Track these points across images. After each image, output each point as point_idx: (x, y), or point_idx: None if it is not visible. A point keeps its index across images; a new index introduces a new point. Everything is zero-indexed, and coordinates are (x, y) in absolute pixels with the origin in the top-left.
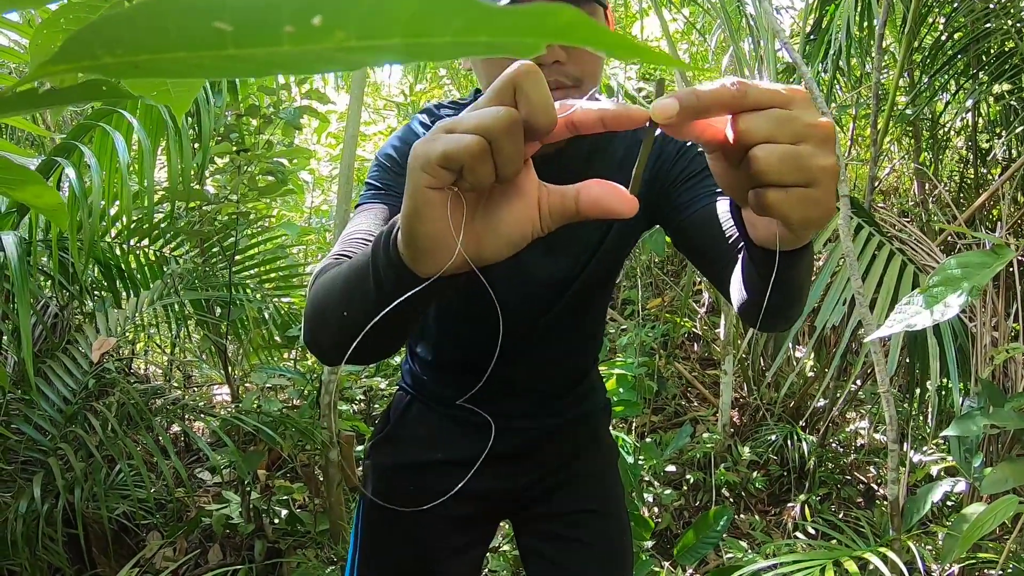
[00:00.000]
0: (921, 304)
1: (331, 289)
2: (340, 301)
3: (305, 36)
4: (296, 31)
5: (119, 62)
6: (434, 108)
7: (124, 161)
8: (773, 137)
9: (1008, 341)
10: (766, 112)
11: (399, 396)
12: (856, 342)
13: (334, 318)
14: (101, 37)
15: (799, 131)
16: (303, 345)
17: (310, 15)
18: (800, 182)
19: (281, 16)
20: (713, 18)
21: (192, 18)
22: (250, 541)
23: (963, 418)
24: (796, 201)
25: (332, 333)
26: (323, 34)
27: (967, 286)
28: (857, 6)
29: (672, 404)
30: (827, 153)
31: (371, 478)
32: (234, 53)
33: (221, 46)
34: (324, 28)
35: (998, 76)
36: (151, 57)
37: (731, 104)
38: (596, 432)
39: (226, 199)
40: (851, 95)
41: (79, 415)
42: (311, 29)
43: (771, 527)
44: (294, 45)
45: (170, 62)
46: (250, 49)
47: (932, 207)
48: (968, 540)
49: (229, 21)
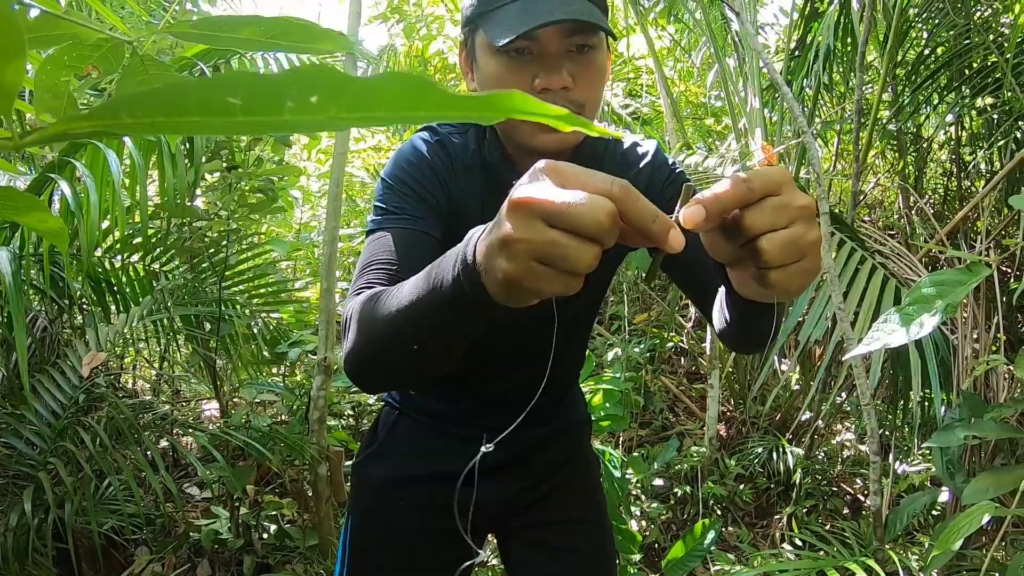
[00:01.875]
0: (898, 322)
1: (378, 326)
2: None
3: (303, 109)
4: (296, 106)
5: (138, 122)
6: (436, 126)
7: (117, 177)
8: (775, 226)
9: (989, 353)
10: (766, 204)
11: (386, 411)
12: (840, 354)
13: (399, 349)
14: (127, 105)
15: (792, 215)
16: (292, 361)
17: (309, 95)
18: (796, 259)
19: (284, 95)
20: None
21: (211, 94)
22: (239, 556)
23: (945, 429)
24: (793, 275)
25: (390, 367)
26: (319, 109)
27: (942, 304)
28: (840, 23)
29: (659, 418)
30: (813, 228)
31: (359, 493)
32: (241, 120)
33: (232, 114)
34: (320, 105)
35: (980, 90)
36: (167, 119)
37: (743, 200)
38: (580, 443)
39: (216, 216)
40: (835, 110)
41: (69, 429)
42: (309, 105)
43: (759, 539)
44: (293, 116)
45: (185, 123)
46: (256, 117)
47: (916, 220)
48: (944, 543)
49: (240, 98)
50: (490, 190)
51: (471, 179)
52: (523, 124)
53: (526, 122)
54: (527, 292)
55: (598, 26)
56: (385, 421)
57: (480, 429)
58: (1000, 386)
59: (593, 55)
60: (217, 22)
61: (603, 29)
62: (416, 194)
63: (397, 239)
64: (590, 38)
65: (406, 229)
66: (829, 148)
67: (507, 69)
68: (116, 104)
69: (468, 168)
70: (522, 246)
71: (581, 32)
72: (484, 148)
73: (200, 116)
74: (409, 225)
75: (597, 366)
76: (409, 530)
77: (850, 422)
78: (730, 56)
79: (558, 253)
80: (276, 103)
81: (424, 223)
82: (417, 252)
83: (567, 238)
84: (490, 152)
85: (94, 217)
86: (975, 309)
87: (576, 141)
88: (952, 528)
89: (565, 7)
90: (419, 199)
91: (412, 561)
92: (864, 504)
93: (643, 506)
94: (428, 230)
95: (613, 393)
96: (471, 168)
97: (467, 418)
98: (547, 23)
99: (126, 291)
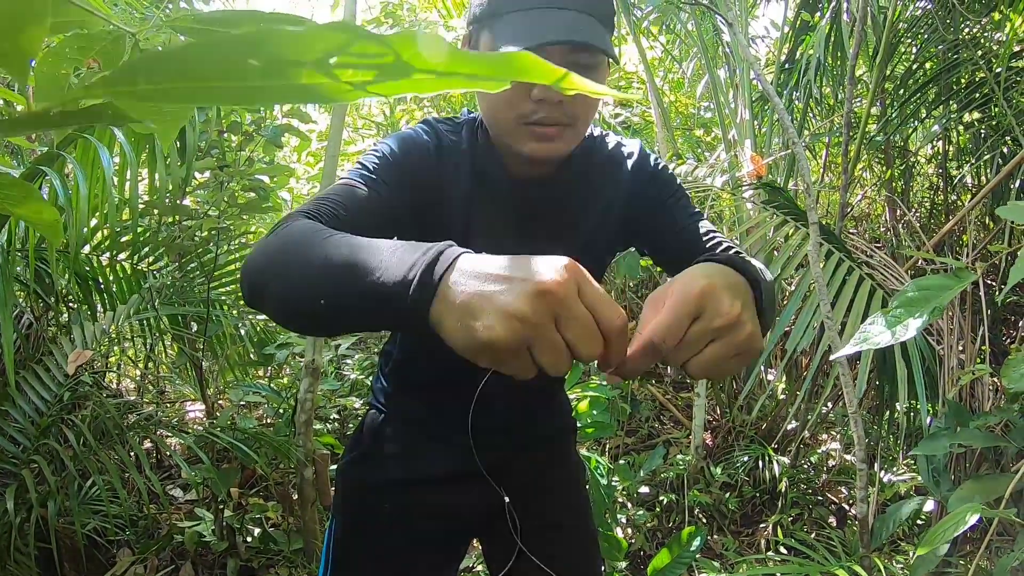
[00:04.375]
0: (883, 324)
1: (306, 258)
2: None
3: (321, 72)
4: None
5: (155, 88)
6: (433, 121)
7: (108, 172)
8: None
9: (975, 363)
10: (683, 341)
11: (372, 415)
12: (827, 364)
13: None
14: (145, 67)
15: (711, 336)
16: (279, 363)
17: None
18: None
19: (304, 58)
20: (689, 46)
21: (234, 54)
22: (223, 559)
23: (930, 438)
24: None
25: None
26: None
27: (928, 307)
28: (830, 37)
29: (646, 426)
30: (737, 333)
31: (344, 497)
32: (257, 84)
33: (248, 78)
34: (338, 65)
35: (967, 105)
36: (185, 85)
37: (661, 355)
38: (566, 448)
39: (206, 215)
40: (825, 123)
41: (53, 427)
42: (327, 67)
43: (744, 548)
44: (310, 79)
45: (201, 90)
46: (274, 81)
47: (903, 233)
48: (928, 543)
49: (260, 60)
50: (478, 191)
51: (459, 176)
52: (516, 131)
53: (518, 129)
54: (491, 359)
55: (602, 50)
56: (371, 425)
57: (465, 432)
58: (985, 396)
59: (591, 74)
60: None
61: (607, 53)
62: (397, 165)
63: (359, 193)
64: (593, 57)
65: (371, 190)
66: (818, 160)
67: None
68: (134, 66)
69: (458, 165)
70: (528, 330)
71: (585, 52)
72: (476, 150)
73: (218, 81)
74: (376, 188)
75: (584, 373)
76: (394, 534)
77: (836, 431)
78: (720, 67)
79: (548, 359)
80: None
81: (389, 192)
82: (367, 216)
83: (565, 348)
84: (481, 154)
85: (83, 212)
86: (961, 320)
87: (566, 151)
88: (937, 530)
89: (575, 27)
90: (398, 170)
91: (397, 565)
92: (849, 513)
93: (629, 513)
94: (390, 202)
95: (599, 400)
96: (460, 165)
97: (453, 421)
98: (556, 42)
99: (113, 289)
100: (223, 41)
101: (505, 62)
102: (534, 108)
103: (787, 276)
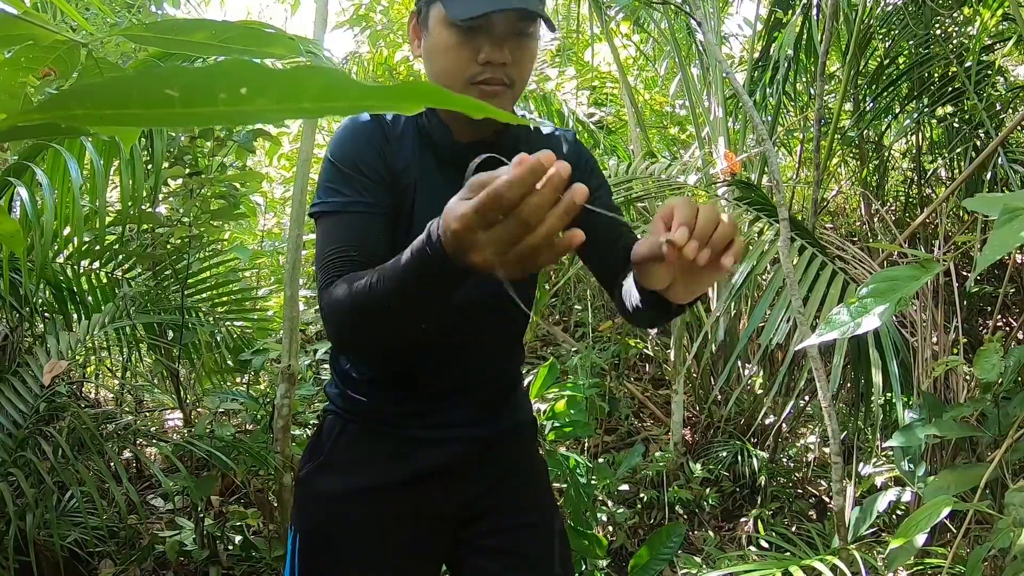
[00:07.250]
0: (849, 314)
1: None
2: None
3: (235, 101)
4: (228, 97)
5: (88, 113)
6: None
7: (76, 182)
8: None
9: (948, 353)
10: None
11: (330, 421)
12: (802, 358)
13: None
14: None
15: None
16: (256, 369)
17: (239, 87)
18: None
19: (216, 87)
20: (663, 45)
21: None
22: (204, 568)
23: (906, 429)
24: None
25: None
26: (248, 100)
27: (894, 297)
28: (802, 34)
29: (624, 424)
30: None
31: (305, 508)
32: (180, 111)
33: (170, 106)
34: (248, 96)
35: (940, 99)
36: (114, 111)
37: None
38: (529, 444)
39: (179, 222)
40: (799, 119)
41: (30, 439)
42: (239, 96)
43: (725, 542)
44: (227, 107)
45: (130, 116)
46: (193, 109)
47: (877, 226)
48: (902, 535)
49: (177, 89)
50: (425, 153)
51: (404, 145)
52: (464, 91)
53: (468, 90)
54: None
55: (543, 17)
56: (329, 431)
57: (428, 428)
58: (960, 386)
59: (530, 41)
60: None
61: (545, 20)
62: (360, 172)
63: (350, 224)
64: (532, 25)
65: (356, 212)
66: (793, 156)
67: (458, 41)
68: (67, 96)
69: (402, 135)
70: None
71: (527, 19)
72: (419, 118)
73: (143, 108)
74: (360, 208)
75: (562, 373)
76: (361, 544)
77: (813, 425)
78: (694, 65)
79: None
80: (210, 95)
81: (371, 199)
82: (371, 233)
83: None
84: (424, 117)
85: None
86: (934, 312)
87: (509, 108)
88: (912, 521)
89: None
90: (363, 176)
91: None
92: (829, 505)
93: (609, 511)
94: (376, 207)
95: (576, 399)
96: (404, 134)
97: (416, 418)
98: (506, 9)
99: (87, 299)
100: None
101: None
102: (480, 70)
103: (761, 271)
